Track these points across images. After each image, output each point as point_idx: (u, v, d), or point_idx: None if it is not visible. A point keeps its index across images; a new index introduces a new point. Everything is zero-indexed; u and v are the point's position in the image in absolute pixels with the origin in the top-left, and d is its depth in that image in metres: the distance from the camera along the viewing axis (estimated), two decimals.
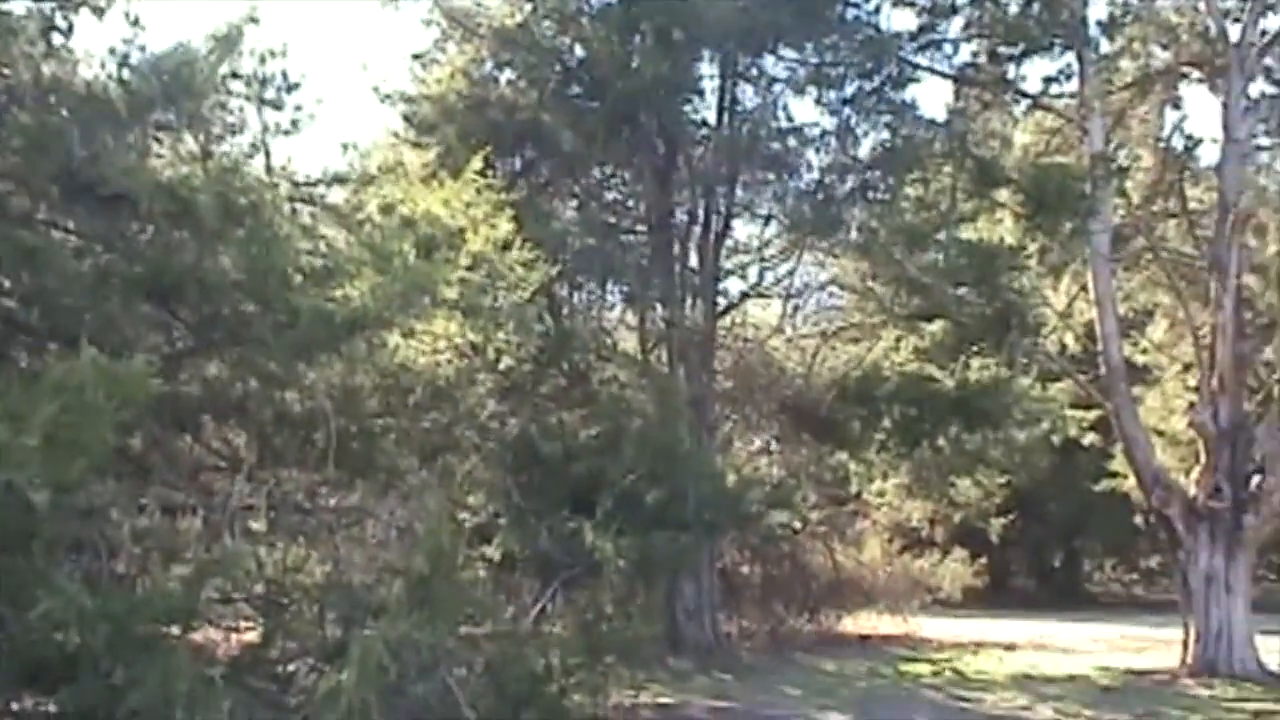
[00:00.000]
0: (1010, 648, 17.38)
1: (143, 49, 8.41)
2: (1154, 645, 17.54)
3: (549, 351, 12.58)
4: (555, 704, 9.05)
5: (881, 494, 18.64)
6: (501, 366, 11.86)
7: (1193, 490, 15.51)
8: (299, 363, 9.05)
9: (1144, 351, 19.84)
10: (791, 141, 15.48)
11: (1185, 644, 15.31)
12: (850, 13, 15.16)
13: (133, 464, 8.34)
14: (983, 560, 22.95)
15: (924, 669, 15.21)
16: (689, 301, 15.39)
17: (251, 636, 8.92)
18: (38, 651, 6.39)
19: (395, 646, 7.44)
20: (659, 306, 15.11)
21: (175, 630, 7.35)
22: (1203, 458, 15.55)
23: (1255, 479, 14.99)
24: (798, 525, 17.56)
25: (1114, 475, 19.59)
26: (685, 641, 14.63)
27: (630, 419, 12.46)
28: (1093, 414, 18.09)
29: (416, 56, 15.54)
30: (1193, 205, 16.90)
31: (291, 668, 8.35)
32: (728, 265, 16.33)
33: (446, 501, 10.11)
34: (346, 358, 9.55)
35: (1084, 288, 16.45)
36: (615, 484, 10.51)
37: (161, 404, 7.82)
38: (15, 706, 7.09)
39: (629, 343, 15.98)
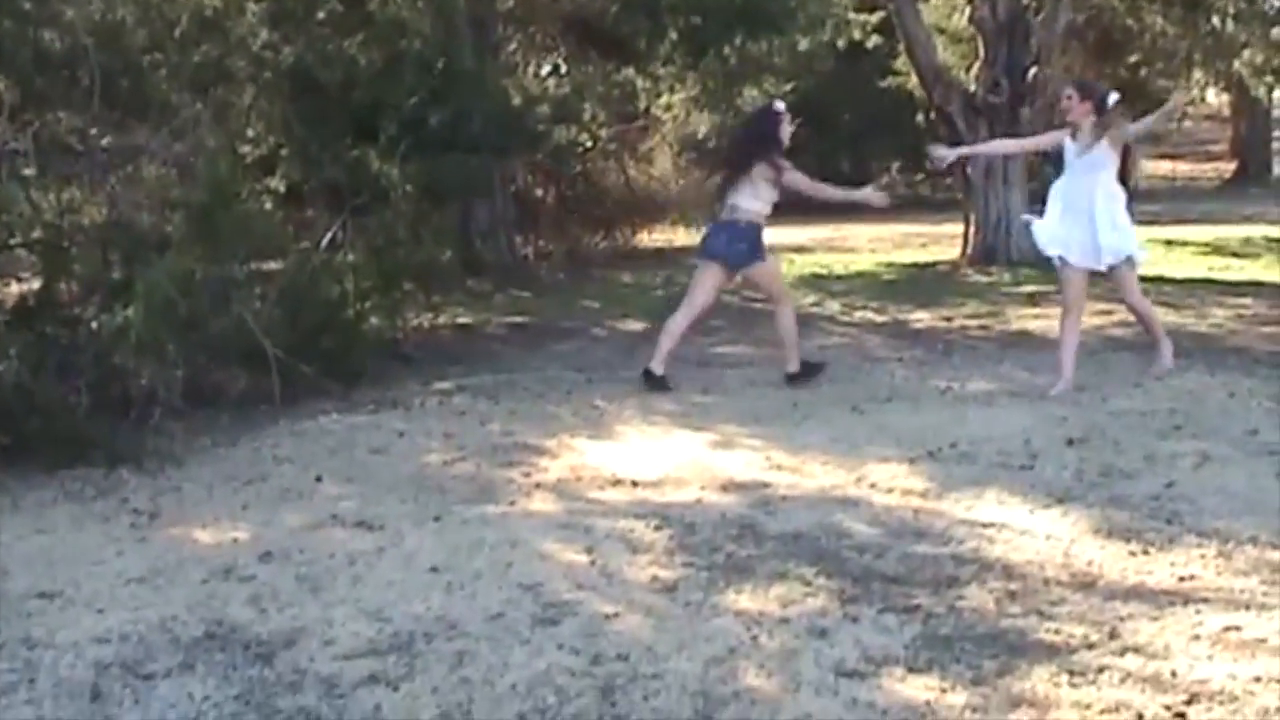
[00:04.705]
0: (801, 251, 17.87)
1: None
2: (938, 240, 18.20)
3: None
4: (352, 329, 9.14)
5: (669, 108, 18.63)
6: None
7: (973, 86, 15.85)
8: None
9: None
10: None
11: (966, 236, 15.94)
12: None
13: None
14: None
15: None
16: None
17: (35, 284, 8.75)
18: None
19: (182, 281, 7.36)
20: None
21: None
22: (982, 53, 15.83)
23: (1031, 71, 15.33)
24: (589, 144, 17.53)
25: (899, 74, 19.88)
26: (482, 264, 14.72)
27: (410, 42, 12.10)
28: (875, 17, 18.18)
29: None
30: None
31: (79, 310, 8.25)
32: None
33: (224, 135, 9.85)
34: None
35: None
36: (398, 109, 10.31)
37: None
38: None
39: None
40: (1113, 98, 8.24)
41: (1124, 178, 8.28)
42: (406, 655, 4.44)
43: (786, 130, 8.76)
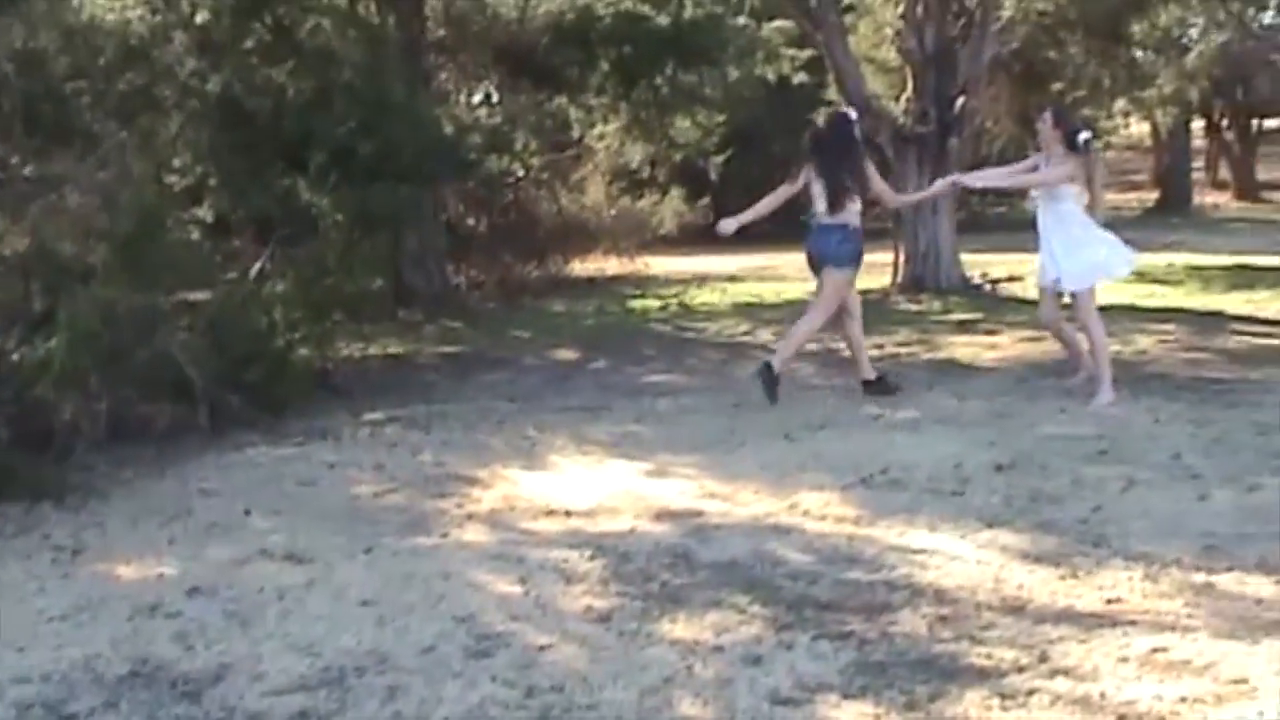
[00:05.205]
0: (734, 280, 17.93)
1: None
2: (868, 269, 18.09)
3: (248, 4, 11.98)
4: (280, 360, 9.05)
5: (602, 137, 18.65)
6: (198, 21, 11.30)
7: (901, 116, 15.97)
8: None
9: None
10: None
11: (895, 264, 16.04)
12: None
13: None
14: (705, 199, 23.34)
15: (651, 304, 15.63)
16: None
17: None
18: None
19: (106, 311, 7.27)
20: None
21: None
22: (910, 84, 15.98)
23: (958, 102, 15.47)
24: (521, 173, 17.53)
25: (829, 104, 20.02)
26: (413, 293, 14.65)
27: (340, 72, 12.05)
28: (806, 53, 18.32)
29: None
30: None
31: None
32: None
33: (150, 164, 9.76)
34: (26, 18, 8.99)
35: None
36: (328, 138, 10.26)
37: None
38: None
39: None
40: (1083, 136, 8.63)
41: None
42: (338, 690, 4.38)
43: (860, 134, 9.26)
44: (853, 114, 9.38)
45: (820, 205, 8.91)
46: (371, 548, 5.96)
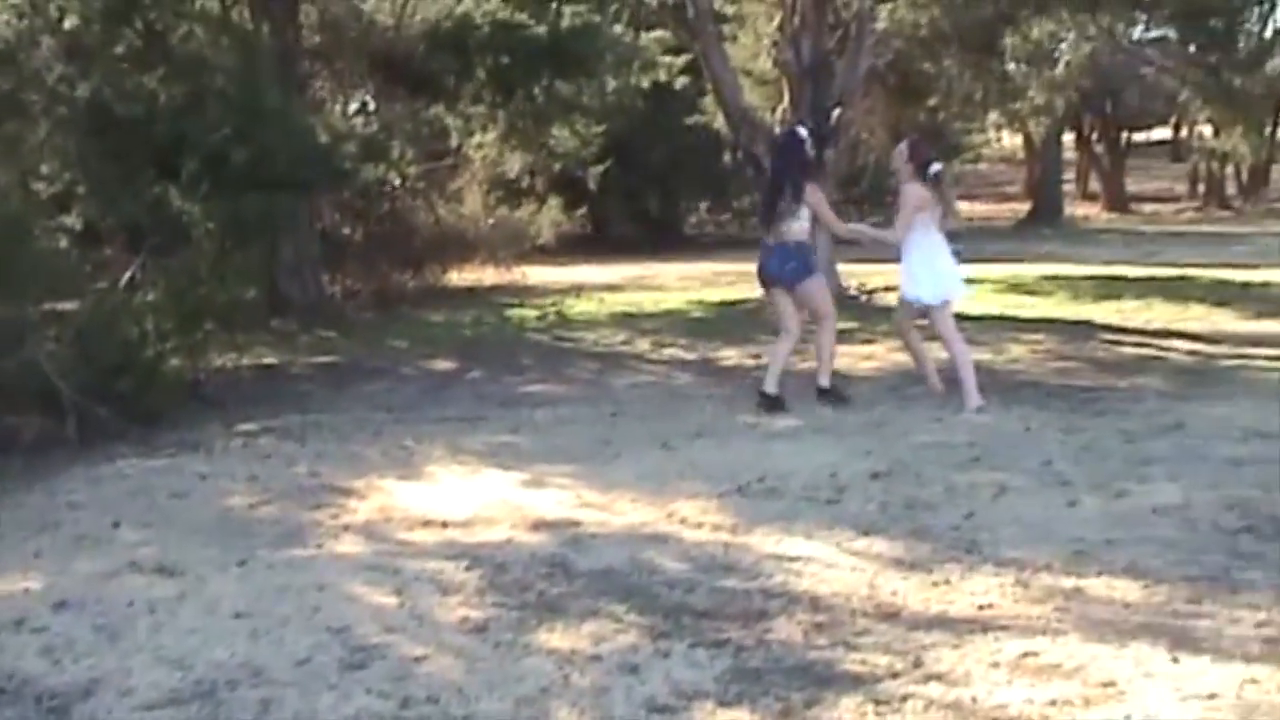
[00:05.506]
0: (612, 289, 17.96)
1: None
2: (746, 279, 18.34)
3: (118, 9, 11.77)
4: (151, 370, 8.90)
5: (480, 147, 18.58)
6: (66, 26, 11.09)
7: (778, 128, 16.10)
8: None
9: (733, 1, 20.16)
10: None
11: None
12: None
13: None
14: (583, 209, 23.38)
15: (529, 314, 15.60)
16: None
17: None
18: None
19: None
20: None
21: None
22: (787, 95, 16.12)
23: (835, 113, 15.64)
24: (397, 182, 17.41)
25: (704, 113, 20.19)
26: (288, 303, 14.47)
27: (212, 78, 11.87)
28: (683, 60, 18.43)
29: None
30: None
31: None
32: None
33: (16, 171, 9.55)
34: None
35: None
36: (200, 145, 10.10)
37: None
38: None
39: None
40: (934, 168, 9.00)
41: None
42: (209, 704, 4.31)
43: (810, 152, 9.36)
44: (803, 131, 9.48)
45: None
46: (245, 560, 5.88)
